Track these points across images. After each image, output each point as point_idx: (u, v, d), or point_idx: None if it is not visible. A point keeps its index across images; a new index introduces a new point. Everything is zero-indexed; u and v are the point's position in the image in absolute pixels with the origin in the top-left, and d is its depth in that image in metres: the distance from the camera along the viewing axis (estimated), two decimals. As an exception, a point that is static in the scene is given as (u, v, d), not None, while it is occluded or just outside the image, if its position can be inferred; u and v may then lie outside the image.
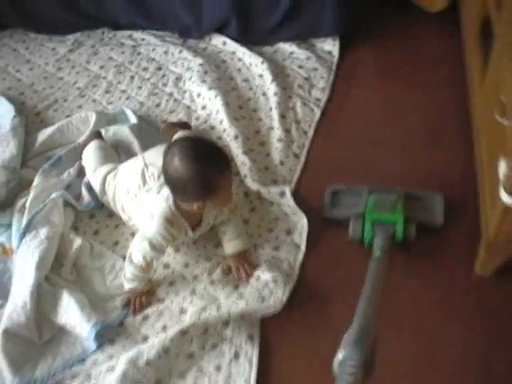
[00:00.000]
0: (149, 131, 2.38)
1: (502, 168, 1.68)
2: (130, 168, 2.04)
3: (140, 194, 1.94)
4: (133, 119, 2.42)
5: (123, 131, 2.32)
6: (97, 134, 2.30)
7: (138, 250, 1.87)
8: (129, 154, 2.24)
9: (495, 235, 1.78)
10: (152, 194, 1.90)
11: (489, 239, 1.81)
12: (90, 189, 2.16)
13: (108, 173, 2.10)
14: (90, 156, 2.20)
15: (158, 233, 1.83)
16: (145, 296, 1.91)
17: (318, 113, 2.50)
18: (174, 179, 1.76)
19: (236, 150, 2.29)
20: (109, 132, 2.33)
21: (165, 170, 1.77)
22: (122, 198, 2.02)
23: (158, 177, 1.91)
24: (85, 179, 2.19)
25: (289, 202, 2.10)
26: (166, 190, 1.84)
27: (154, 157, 1.97)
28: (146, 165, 1.97)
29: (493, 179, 1.77)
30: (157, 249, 1.86)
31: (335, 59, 2.74)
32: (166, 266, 1.99)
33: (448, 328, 1.81)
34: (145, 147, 2.19)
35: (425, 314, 1.85)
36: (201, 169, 1.73)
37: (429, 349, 1.77)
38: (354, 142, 2.40)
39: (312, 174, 2.28)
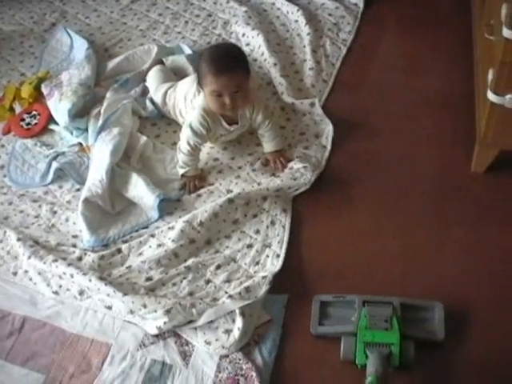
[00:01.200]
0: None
1: (490, 75, 2.08)
2: (188, 82, 2.46)
3: (195, 99, 2.35)
4: (188, 51, 2.83)
5: (180, 60, 2.74)
6: (158, 61, 2.73)
7: (183, 136, 2.28)
8: (185, 77, 2.66)
9: (485, 131, 2.16)
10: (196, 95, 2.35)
11: (480, 135, 2.19)
12: (152, 102, 2.57)
13: (168, 88, 2.52)
14: (153, 77, 2.64)
15: (197, 119, 2.24)
16: (198, 180, 2.30)
17: (344, 50, 2.91)
18: (199, 73, 2.22)
19: (275, 73, 2.70)
20: (168, 60, 2.73)
21: (197, 71, 2.25)
22: (180, 104, 2.43)
23: None
24: (148, 95, 2.60)
25: (318, 110, 2.51)
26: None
27: None
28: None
29: (484, 89, 2.15)
30: (197, 134, 2.26)
31: (360, 9, 3.13)
32: (215, 159, 2.39)
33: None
34: (198, 71, 2.63)
35: None
36: (207, 59, 2.16)
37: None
38: (372, 72, 2.86)
39: (337, 95, 2.69)
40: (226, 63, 2.15)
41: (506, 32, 1.88)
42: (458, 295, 1.93)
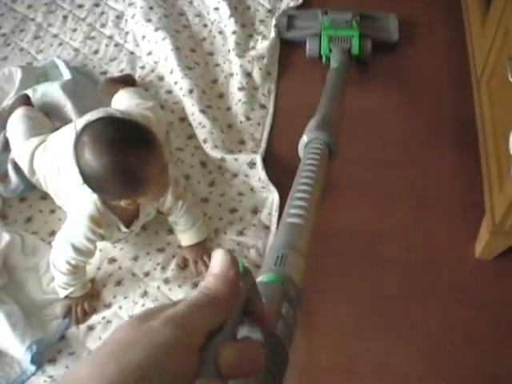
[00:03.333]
0: (86, 88, 1.99)
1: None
2: (62, 139, 1.66)
3: (73, 173, 1.55)
4: (66, 74, 2.03)
5: (54, 91, 1.93)
6: (23, 99, 1.91)
7: (59, 254, 1.54)
8: (62, 119, 1.87)
9: (503, 218, 1.50)
10: (78, 182, 1.50)
11: (494, 222, 1.54)
12: (17, 168, 1.79)
13: (37, 147, 1.72)
14: (15, 127, 1.82)
15: (82, 235, 1.49)
16: (87, 301, 1.61)
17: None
18: (88, 176, 1.39)
19: (191, 107, 1.93)
20: (37, 93, 1.93)
21: (78, 165, 1.39)
22: (52, 178, 1.66)
23: None
24: (10, 155, 1.82)
25: (259, 173, 1.77)
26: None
27: None
28: None
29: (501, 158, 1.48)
30: (82, 252, 1.53)
31: None
32: (112, 260, 1.68)
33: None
34: (81, 110, 1.84)
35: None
36: (117, 160, 1.34)
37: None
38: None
39: (284, 125, 1.94)
40: (136, 138, 1.37)
41: None
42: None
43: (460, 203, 1.76)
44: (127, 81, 1.97)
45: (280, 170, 1.79)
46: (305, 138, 1.32)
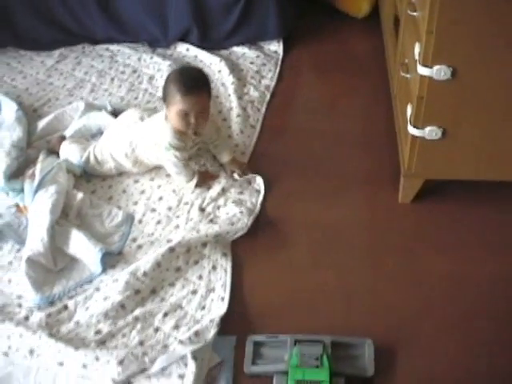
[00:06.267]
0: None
1: (409, 110, 2.22)
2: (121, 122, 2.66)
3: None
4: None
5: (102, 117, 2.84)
6: (61, 138, 2.75)
7: (169, 163, 2.45)
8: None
9: (409, 163, 2.30)
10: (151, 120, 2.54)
11: (404, 168, 2.34)
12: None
13: (94, 147, 2.59)
14: (69, 149, 2.63)
15: (172, 136, 2.39)
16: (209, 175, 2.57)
17: (268, 95, 3.05)
18: (166, 83, 2.42)
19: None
20: (89, 118, 2.82)
21: (165, 81, 2.44)
22: (141, 144, 2.52)
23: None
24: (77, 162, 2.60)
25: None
26: (161, 114, 2.47)
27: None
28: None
29: (404, 124, 2.30)
30: (179, 148, 2.41)
31: (280, 56, 3.28)
32: (153, 210, 2.45)
33: None
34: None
35: None
36: (174, 79, 2.37)
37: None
38: (296, 115, 3.01)
39: (265, 139, 2.82)
40: (194, 85, 2.34)
41: (420, 69, 2.04)
42: (388, 330, 2.03)
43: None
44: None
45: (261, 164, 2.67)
46: None
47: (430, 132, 2.17)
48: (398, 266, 2.23)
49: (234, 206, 2.40)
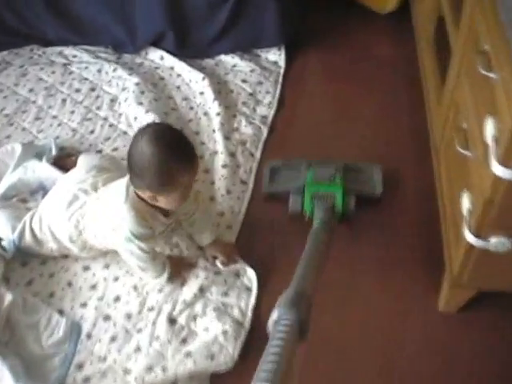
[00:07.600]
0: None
1: (465, 203, 1.57)
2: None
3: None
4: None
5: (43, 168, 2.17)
6: None
7: (130, 256, 1.83)
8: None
9: (460, 271, 1.68)
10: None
11: (452, 273, 1.73)
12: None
13: (31, 218, 1.96)
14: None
15: (134, 223, 1.76)
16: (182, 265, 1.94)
17: (265, 131, 2.39)
18: (137, 160, 1.67)
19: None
20: (28, 170, 2.16)
21: (129, 150, 1.69)
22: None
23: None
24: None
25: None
26: (121, 188, 1.79)
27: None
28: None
29: (455, 217, 1.68)
30: (143, 237, 1.78)
31: (282, 70, 2.64)
32: (107, 317, 1.83)
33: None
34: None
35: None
36: (166, 157, 1.65)
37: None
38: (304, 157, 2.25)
39: (262, 201, 2.15)
40: (186, 151, 1.71)
41: (496, 168, 1.38)
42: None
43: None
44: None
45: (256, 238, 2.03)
46: (274, 315, 1.23)
47: (497, 244, 1.53)
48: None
49: (216, 316, 1.79)
